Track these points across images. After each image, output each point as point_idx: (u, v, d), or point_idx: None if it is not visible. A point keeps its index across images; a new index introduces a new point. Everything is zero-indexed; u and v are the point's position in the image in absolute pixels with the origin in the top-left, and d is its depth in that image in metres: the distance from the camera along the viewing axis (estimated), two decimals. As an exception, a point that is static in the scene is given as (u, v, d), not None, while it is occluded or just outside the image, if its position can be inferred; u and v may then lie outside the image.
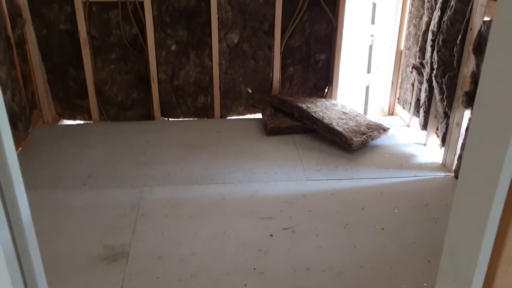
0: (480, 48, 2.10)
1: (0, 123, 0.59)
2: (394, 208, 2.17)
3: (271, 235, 1.97)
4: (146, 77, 2.98)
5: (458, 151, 2.37)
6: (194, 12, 2.84)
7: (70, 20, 2.79)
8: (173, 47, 2.93)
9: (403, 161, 2.57)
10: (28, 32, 2.77)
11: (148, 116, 3.09)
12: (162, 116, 3.08)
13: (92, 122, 3.05)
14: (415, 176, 2.44)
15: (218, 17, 2.83)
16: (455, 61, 2.32)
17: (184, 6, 2.82)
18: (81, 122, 3.08)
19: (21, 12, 2.70)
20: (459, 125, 2.34)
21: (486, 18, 2.08)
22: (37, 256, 0.66)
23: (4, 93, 2.42)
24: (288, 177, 2.39)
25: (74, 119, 3.10)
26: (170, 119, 3.12)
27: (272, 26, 2.93)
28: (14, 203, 0.62)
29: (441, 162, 2.54)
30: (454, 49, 2.30)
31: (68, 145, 2.69)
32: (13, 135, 2.45)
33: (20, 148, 2.63)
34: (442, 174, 2.45)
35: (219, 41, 2.91)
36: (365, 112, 3.64)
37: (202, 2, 2.82)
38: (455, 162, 2.40)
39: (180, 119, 3.12)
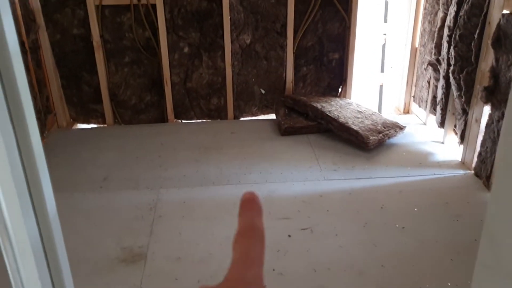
0: (499, 42, 2.06)
1: (27, 114, 0.57)
2: (413, 207, 2.13)
3: (289, 236, 1.95)
4: (159, 80, 2.98)
5: (478, 148, 2.33)
6: (206, 14, 2.84)
7: (83, 25, 2.80)
8: (186, 50, 2.93)
9: (421, 159, 2.53)
10: (42, 37, 2.78)
11: (162, 118, 3.09)
12: (175, 118, 3.07)
13: (106, 126, 3.05)
14: (434, 174, 2.40)
15: (230, 18, 2.82)
16: (473, 56, 2.28)
17: (196, 8, 2.82)
18: (96, 126, 3.09)
19: (35, 17, 2.72)
20: (478, 121, 2.30)
21: (505, 11, 2.04)
22: (63, 253, 0.64)
23: (19, 98, 2.43)
24: (305, 177, 2.37)
25: (89, 123, 3.10)
26: (183, 121, 3.11)
27: (284, 26, 2.91)
28: (41, 198, 0.61)
29: (460, 159, 2.50)
30: (472, 44, 2.27)
31: (83, 149, 2.69)
32: (29, 139, 2.46)
33: (35, 153, 2.63)
34: (462, 171, 2.41)
35: (232, 42, 2.90)
36: (380, 111, 3.61)
37: (214, 4, 2.81)
38: (475, 159, 2.36)
39: (194, 121, 3.12)
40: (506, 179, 0.60)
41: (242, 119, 3.13)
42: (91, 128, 3.06)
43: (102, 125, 3.08)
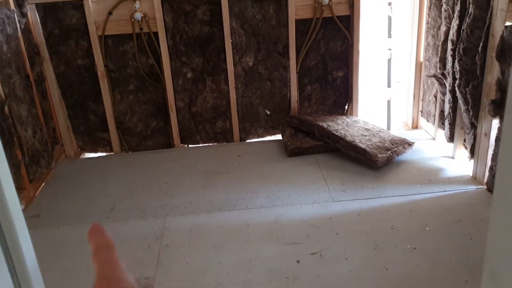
0: (503, 54, 2.03)
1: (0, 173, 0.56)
2: (425, 226, 2.08)
3: (298, 261, 1.90)
4: (164, 105, 2.99)
5: (489, 162, 2.27)
6: (208, 39, 2.85)
7: (87, 55, 2.82)
8: (189, 75, 2.93)
9: (431, 176, 2.48)
10: (46, 69, 2.81)
11: (168, 144, 3.08)
12: (181, 143, 3.07)
13: (113, 153, 3.06)
14: (445, 190, 2.34)
15: (231, 42, 2.83)
16: (478, 69, 2.24)
17: (198, 33, 2.83)
18: (103, 154, 3.09)
19: (39, 50, 2.75)
20: (487, 135, 2.25)
21: (508, 23, 2.01)
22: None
23: (25, 131, 2.44)
24: (313, 199, 2.33)
25: (96, 151, 3.11)
26: (189, 145, 3.10)
27: (286, 46, 2.91)
28: (18, 250, 0.59)
29: (471, 174, 2.44)
30: (476, 57, 2.23)
31: (91, 178, 2.69)
32: (36, 172, 2.48)
33: (43, 184, 2.64)
34: (473, 187, 2.35)
35: (234, 65, 2.90)
36: (388, 127, 3.57)
37: (215, 29, 2.82)
38: (487, 174, 2.30)
39: (200, 145, 3.11)
40: (503, 211, 0.57)
41: (248, 141, 3.11)
42: (99, 156, 3.06)
43: (109, 153, 3.08)
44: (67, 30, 2.77)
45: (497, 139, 2.17)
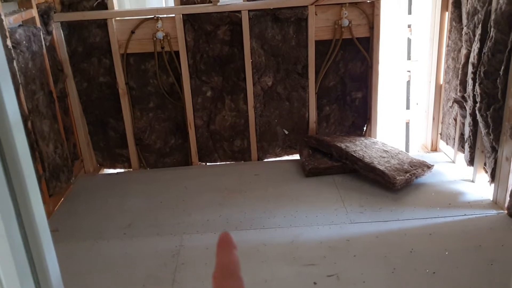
0: (525, 78, 2.01)
1: (30, 183, 0.57)
2: (444, 250, 2.04)
3: (315, 283, 1.88)
4: (183, 123, 3.01)
5: (510, 187, 2.23)
6: (228, 58, 2.88)
7: (109, 73, 2.88)
8: (209, 93, 2.96)
9: (451, 199, 2.44)
10: (69, 86, 2.87)
11: (186, 162, 3.10)
12: (199, 161, 3.08)
13: (132, 170, 3.08)
14: (465, 215, 2.30)
15: (251, 61, 2.86)
16: (499, 93, 2.22)
17: (218, 53, 2.87)
18: (121, 170, 3.12)
19: (62, 67, 2.81)
20: (508, 159, 2.22)
21: (529, 47, 1.99)
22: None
23: (46, 146, 2.48)
24: (331, 220, 2.31)
25: (115, 168, 3.14)
26: (207, 164, 3.12)
27: (305, 67, 2.92)
28: (43, 265, 0.60)
29: (491, 199, 2.40)
30: (498, 81, 2.21)
31: (109, 194, 2.72)
32: (56, 187, 2.51)
33: (62, 199, 2.67)
34: (494, 212, 2.31)
35: (253, 85, 2.92)
36: (407, 149, 3.54)
37: (235, 49, 2.86)
38: (507, 198, 2.26)
39: (218, 163, 3.12)
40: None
41: (265, 160, 3.12)
42: (117, 172, 3.09)
43: (127, 170, 3.11)
44: (90, 48, 2.83)
45: (519, 164, 2.13)
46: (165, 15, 2.78)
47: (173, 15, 2.76)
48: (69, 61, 2.83)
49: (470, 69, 2.43)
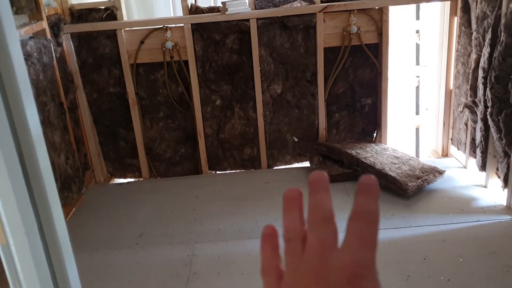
0: (537, 82, 1.99)
1: (50, 192, 0.57)
2: (459, 257, 2.02)
3: (328, 291, 1.87)
4: (193, 132, 3.02)
5: (524, 192, 2.21)
6: (236, 67, 2.89)
7: (119, 83, 2.90)
8: (218, 102, 2.97)
9: (464, 205, 2.42)
10: (79, 97, 2.89)
11: (196, 170, 3.10)
12: (209, 169, 3.09)
13: (142, 179, 3.09)
14: (478, 220, 2.28)
15: (260, 70, 2.86)
16: (510, 98, 2.21)
17: (227, 62, 2.88)
18: (132, 180, 3.13)
19: (73, 78, 2.83)
20: (522, 164, 2.20)
21: (541, 51, 1.98)
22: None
23: (58, 157, 2.50)
24: (342, 228, 2.29)
25: (125, 177, 3.15)
26: (217, 172, 3.12)
27: (314, 74, 2.92)
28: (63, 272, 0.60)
29: (505, 204, 2.38)
30: (509, 85, 2.20)
31: (120, 204, 2.72)
32: (67, 197, 2.51)
33: (74, 210, 2.68)
34: (508, 217, 2.28)
35: (263, 93, 2.92)
36: (417, 155, 3.52)
37: (244, 57, 2.86)
38: (522, 203, 2.24)
39: (228, 171, 3.12)
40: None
41: (275, 168, 3.11)
42: (128, 182, 3.10)
43: (138, 179, 3.12)
44: (100, 59, 2.85)
45: (533, 168, 2.11)
46: (174, 25, 2.79)
47: (182, 24, 2.77)
48: (79, 72, 2.86)
49: (480, 73, 2.41)
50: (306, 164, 3.06)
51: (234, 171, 3.11)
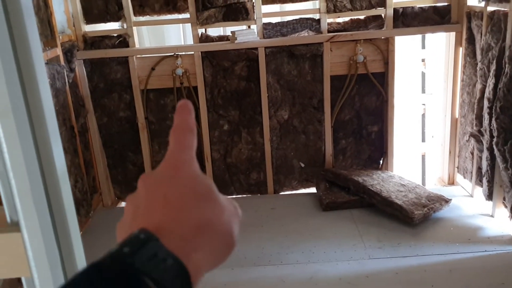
0: (543, 114, 2.02)
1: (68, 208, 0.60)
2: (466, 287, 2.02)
3: (334, 321, 1.87)
4: (200, 156, 3.05)
5: (531, 222, 2.21)
6: (244, 93, 2.93)
7: (129, 108, 2.94)
8: (226, 127, 3.01)
9: (470, 235, 2.42)
10: (90, 120, 2.93)
11: (203, 195, 3.12)
12: (216, 194, 3.10)
13: (149, 203, 3.10)
14: (485, 250, 2.28)
15: (267, 96, 2.90)
16: (516, 128, 2.23)
17: (235, 88, 2.92)
18: (139, 203, 3.15)
19: (84, 102, 2.88)
20: (528, 194, 2.20)
21: (546, 84, 2.01)
22: None
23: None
24: (349, 256, 2.30)
25: (132, 201, 3.17)
26: (224, 197, 3.13)
27: (321, 101, 2.96)
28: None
29: (512, 234, 2.38)
30: (514, 116, 2.22)
31: (127, 228, 2.73)
32: (75, 221, 2.53)
33: (81, 233, 2.69)
34: (516, 247, 2.28)
35: (270, 119, 2.96)
36: (423, 182, 3.53)
37: (252, 84, 2.91)
38: (529, 234, 2.23)
39: (234, 196, 3.13)
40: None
41: (282, 193, 3.13)
42: (135, 206, 3.12)
43: (145, 203, 3.14)
44: (111, 84, 2.91)
45: (539, 199, 2.12)
46: (184, 53, 2.85)
47: (192, 52, 2.83)
48: (91, 96, 2.91)
49: (486, 103, 2.44)
50: (313, 190, 3.08)
51: (240, 196, 3.13)
